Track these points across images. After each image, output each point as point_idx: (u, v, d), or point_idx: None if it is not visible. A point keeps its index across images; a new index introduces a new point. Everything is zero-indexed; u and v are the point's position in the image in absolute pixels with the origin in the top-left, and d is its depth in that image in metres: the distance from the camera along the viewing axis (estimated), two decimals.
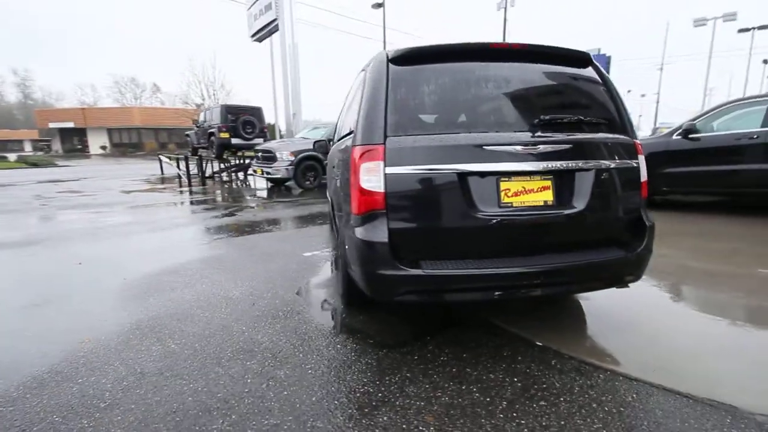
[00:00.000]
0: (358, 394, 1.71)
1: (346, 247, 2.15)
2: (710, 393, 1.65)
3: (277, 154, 9.48)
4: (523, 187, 1.87)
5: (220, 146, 11.80)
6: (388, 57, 2.02)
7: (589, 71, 2.15)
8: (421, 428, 1.50)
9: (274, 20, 13.64)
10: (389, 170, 1.82)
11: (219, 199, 8.65)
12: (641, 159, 2.05)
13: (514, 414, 1.57)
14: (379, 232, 1.82)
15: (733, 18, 20.83)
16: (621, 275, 2.00)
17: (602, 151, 1.95)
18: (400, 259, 1.80)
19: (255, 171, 10.26)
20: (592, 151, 1.93)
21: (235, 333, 2.30)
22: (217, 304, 2.72)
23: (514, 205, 1.85)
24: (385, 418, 1.56)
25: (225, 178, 12.37)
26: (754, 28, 22.02)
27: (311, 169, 9.78)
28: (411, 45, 2.04)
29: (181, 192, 9.69)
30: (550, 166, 1.86)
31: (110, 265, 3.73)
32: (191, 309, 2.63)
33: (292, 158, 9.43)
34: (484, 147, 1.82)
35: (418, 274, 1.78)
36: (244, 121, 11.82)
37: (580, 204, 1.90)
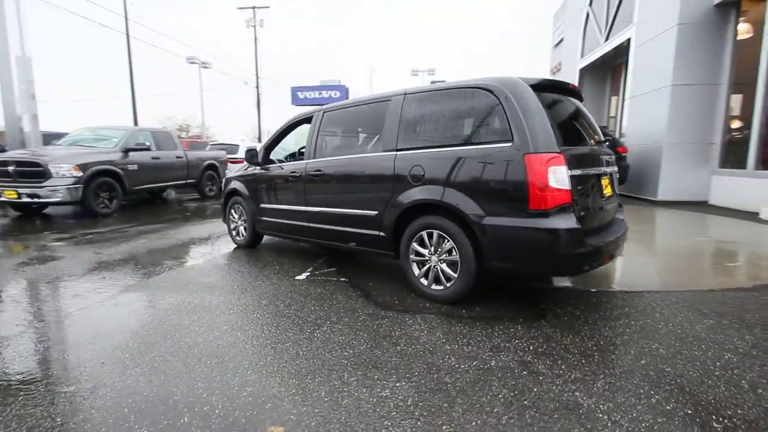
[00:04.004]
0: (591, 345, 2.16)
1: (508, 241, 2.44)
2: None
3: (51, 168, 6.62)
4: (604, 183, 2.80)
5: None
6: (529, 83, 2.50)
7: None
8: (649, 351, 2.17)
9: None
10: (572, 172, 2.34)
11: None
12: None
13: (653, 321, 2.46)
14: (571, 220, 2.31)
15: (433, 73, 30.00)
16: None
17: (613, 160, 3.14)
18: (585, 240, 2.37)
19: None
20: (613, 159, 3.08)
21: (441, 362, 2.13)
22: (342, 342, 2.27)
23: (607, 195, 2.76)
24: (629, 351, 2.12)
25: None
26: (438, 81, 32.23)
27: (108, 189, 7.39)
28: (538, 77, 2.59)
29: None
30: (610, 170, 2.88)
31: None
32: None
33: (78, 174, 6.85)
34: (601, 156, 2.64)
35: (590, 249, 2.39)
36: None
37: (615, 192, 3.00)
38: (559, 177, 2.31)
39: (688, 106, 7.12)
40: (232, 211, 4.80)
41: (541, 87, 2.60)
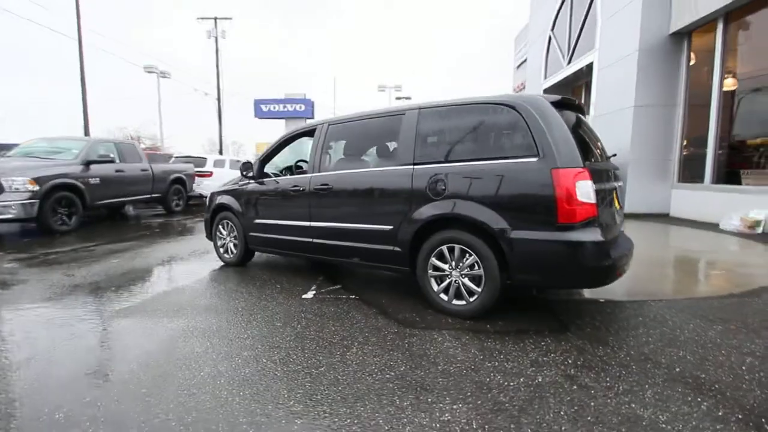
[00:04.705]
0: (624, 355, 2.20)
1: (536, 254, 2.47)
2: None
3: (3, 182, 6.00)
4: (612, 197, 2.92)
5: None
6: (549, 101, 2.58)
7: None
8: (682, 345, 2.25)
9: None
10: (596, 186, 2.42)
11: None
12: None
13: (669, 330, 2.57)
14: (597, 233, 2.38)
15: (399, 89, 30.52)
16: None
17: (619, 173, 3.28)
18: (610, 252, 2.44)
19: None
20: (619, 173, 3.22)
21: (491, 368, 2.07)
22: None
23: (617, 209, 2.88)
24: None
25: None
26: (404, 98, 32.94)
27: (67, 204, 6.81)
28: (558, 95, 2.68)
29: None
30: (618, 184, 3.01)
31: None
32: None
33: (35, 188, 6.25)
34: (612, 170, 2.75)
35: (612, 262, 2.47)
36: None
37: (622, 206, 3.14)
38: (585, 191, 2.38)
39: (650, 126, 7.70)
40: (220, 227, 4.54)
41: (558, 104, 2.69)
